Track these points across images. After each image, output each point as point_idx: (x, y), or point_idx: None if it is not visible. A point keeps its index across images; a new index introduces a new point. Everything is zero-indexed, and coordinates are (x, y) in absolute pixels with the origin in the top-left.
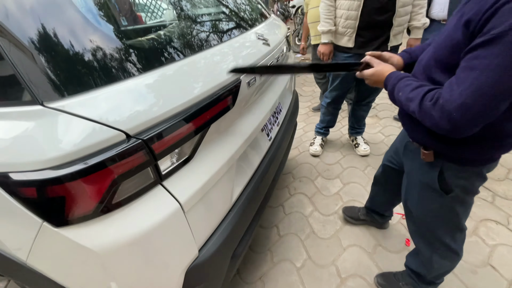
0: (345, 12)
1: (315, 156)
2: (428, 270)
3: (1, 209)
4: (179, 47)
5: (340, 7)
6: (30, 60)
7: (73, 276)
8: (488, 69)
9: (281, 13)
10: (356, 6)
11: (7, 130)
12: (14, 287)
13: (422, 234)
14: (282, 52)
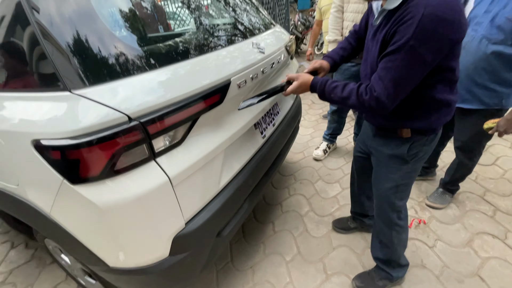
0: (350, 23)
1: (317, 160)
2: (393, 250)
3: (35, 168)
4: (180, 51)
5: (347, 19)
6: (65, 59)
7: (82, 227)
8: (398, 68)
9: (302, 23)
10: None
11: (44, 108)
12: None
13: (384, 212)
14: (279, 60)
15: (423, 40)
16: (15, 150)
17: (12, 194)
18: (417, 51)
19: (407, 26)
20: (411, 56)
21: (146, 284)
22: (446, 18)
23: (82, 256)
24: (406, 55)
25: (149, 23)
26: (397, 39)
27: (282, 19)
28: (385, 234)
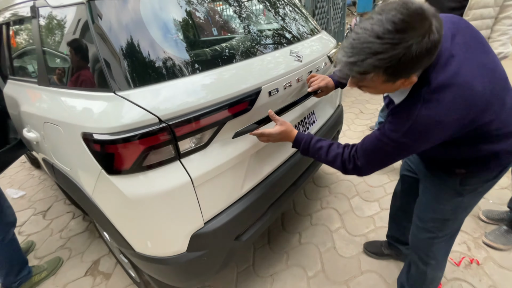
0: None
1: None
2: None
3: (83, 157)
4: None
5: None
6: (113, 64)
7: (114, 213)
8: (387, 152)
9: None
10: None
11: (92, 105)
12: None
13: (421, 244)
14: (318, 68)
15: (414, 138)
16: (70, 139)
17: (67, 175)
18: (408, 145)
19: (401, 122)
20: (402, 147)
21: (164, 274)
22: (442, 120)
23: (115, 238)
24: (396, 145)
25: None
26: (390, 129)
27: (337, 23)
28: (418, 267)
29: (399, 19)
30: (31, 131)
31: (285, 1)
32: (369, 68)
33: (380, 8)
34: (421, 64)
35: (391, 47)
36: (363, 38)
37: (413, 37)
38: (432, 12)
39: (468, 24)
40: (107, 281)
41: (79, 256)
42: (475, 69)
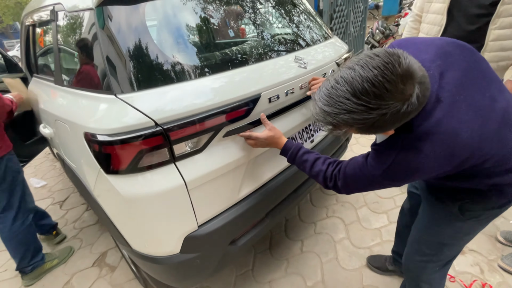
0: (424, 36)
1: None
2: None
3: (85, 155)
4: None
5: (422, 31)
6: (118, 67)
7: (112, 211)
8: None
9: (381, 31)
10: (435, 32)
11: (95, 106)
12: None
13: (414, 266)
14: (324, 75)
15: (391, 179)
16: (75, 137)
17: (74, 171)
18: (386, 183)
19: (379, 162)
20: (380, 183)
21: (158, 272)
22: (419, 168)
23: (114, 234)
24: (374, 180)
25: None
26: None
27: (357, 27)
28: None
29: (380, 82)
30: (46, 127)
31: (296, 8)
32: (341, 123)
33: (367, 55)
34: (396, 125)
35: (366, 110)
36: (340, 91)
37: (390, 106)
38: (420, 76)
39: (465, 51)
40: (112, 274)
41: (88, 247)
42: (464, 114)
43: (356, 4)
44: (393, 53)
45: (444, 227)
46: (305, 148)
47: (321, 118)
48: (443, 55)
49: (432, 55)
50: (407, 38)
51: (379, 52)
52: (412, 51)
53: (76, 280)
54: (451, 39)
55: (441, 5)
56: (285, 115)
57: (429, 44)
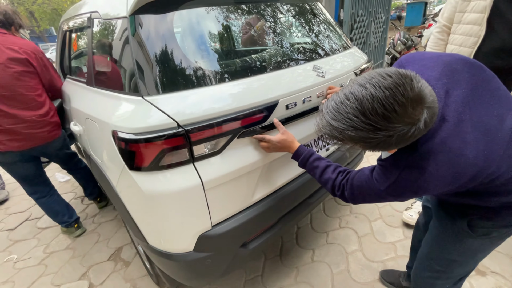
0: (456, 48)
1: (407, 225)
2: None
3: (111, 152)
4: (236, 70)
5: (452, 42)
6: (146, 71)
7: (132, 206)
8: (372, 196)
9: (403, 42)
10: (472, 43)
11: (123, 107)
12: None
13: (423, 284)
14: (341, 85)
15: (395, 194)
16: (103, 135)
17: (99, 166)
18: (390, 198)
19: (384, 177)
20: (385, 197)
21: (171, 269)
22: (422, 186)
23: (132, 229)
24: (379, 194)
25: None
26: (375, 178)
27: (378, 38)
28: None
29: (391, 104)
30: (76, 124)
31: (316, 18)
32: (346, 138)
33: (380, 74)
34: (401, 146)
35: (373, 130)
36: (349, 108)
37: (397, 128)
38: (430, 101)
39: (473, 69)
40: (126, 268)
41: (105, 241)
42: (469, 134)
43: (377, 15)
44: (406, 75)
45: (453, 243)
46: (317, 154)
47: (328, 131)
48: (449, 72)
49: (438, 73)
50: (414, 54)
51: (392, 73)
52: (419, 67)
53: (93, 273)
54: (460, 56)
55: (478, 15)
56: (301, 121)
57: (436, 61)
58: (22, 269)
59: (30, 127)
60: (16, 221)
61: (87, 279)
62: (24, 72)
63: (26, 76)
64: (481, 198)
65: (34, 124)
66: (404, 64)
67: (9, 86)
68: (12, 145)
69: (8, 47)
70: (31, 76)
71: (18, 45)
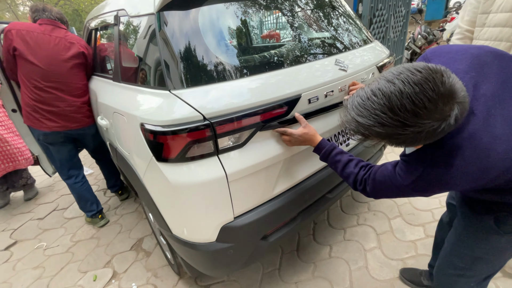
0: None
1: (428, 224)
2: None
3: (139, 144)
4: (260, 64)
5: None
6: (173, 65)
7: (158, 196)
8: (395, 191)
9: (423, 36)
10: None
11: (151, 100)
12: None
13: (447, 280)
14: (363, 79)
15: (418, 190)
16: (132, 128)
17: (126, 158)
18: (413, 193)
19: (407, 173)
20: (407, 192)
21: (193, 258)
22: (448, 182)
23: (157, 219)
24: (402, 189)
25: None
26: (399, 173)
27: (398, 32)
28: None
29: (421, 101)
30: (103, 119)
31: (337, 11)
32: (373, 134)
33: (408, 69)
34: (428, 141)
35: (401, 126)
36: (376, 104)
37: (427, 124)
38: (461, 96)
39: (504, 61)
40: (147, 258)
41: (127, 232)
42: (499, 128)
43: (397, 9)
44: (436, 70)
45: (478, 240)
46: (339, 148)
47: (353, 127)
48: (478, 65)
49: (466, 66)
50: (441, 47)
51: (421, 68)
52: (446, 60)
53: (116, 261)
54: (489, 48)
55: (508, 14)
56: (322, 116)
57: (464, 54)
58: (51, 256)
59: (74, 111)
60: (45, 211)
61: (111, 267)
62: (78, 64)
63: (79, 68)
64: (509, 195)
65: (77, 109)
66: (430, 58)
67: (65, 76)
68: (57, 125)
69: (70, 41)
70: (81, 68)
71: (76, 39)
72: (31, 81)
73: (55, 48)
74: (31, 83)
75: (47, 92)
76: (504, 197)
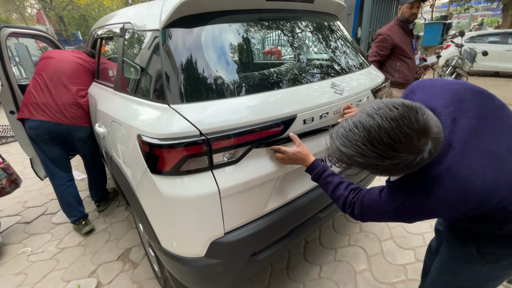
0: None
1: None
2: None
3: (135, 154)
4: (258, 84)
5: None
6: (174, 80)
7: (150, 208)
8: (379, 216)
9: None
10: None
11: (150, 113)
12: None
13: None
14: (358, 103)
15: (402, 215)
16: (129, 138)
17: (120, 167)
18: (397, 218)
19: (392, 199)
20: (392, 217)
21: (181, 273)
22: (429, 209)
23: (147, 230)
24: (387, 214)
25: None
26: (384, 198)
27: None
28: None
29: (397, 135)
30: (101, 126)
31: (335, 34)
32: (355, 163)
33: (387, 105)
34: (407, 172)
35: (380, 158)
36: (357, 136)
37: (403, 157)
38: (435, 132)
39: (482, 98)
40: (133, 270)
41: (115, 241)
42: (476, 161)
43: None
44: (411, 107)
45: (462, 268)
46: (331, 170)
47: (337, 156)
48: (457, 101)
49: (446, 101)
50: (426, 81)
51: (398, 105)
52: (428, 94)
53: (102, 271)
54: (469, 84)
55: None
56: (316, 137)
57: (445, 89)
58: (35, 262)
59: (67, 104)
60: (32, 215)
61: (95, 277)
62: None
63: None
64: (491, 225)
65: (72, 104)
66: (415, 90)
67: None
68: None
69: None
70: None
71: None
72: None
73: None
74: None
75: None
76: (488, 226)
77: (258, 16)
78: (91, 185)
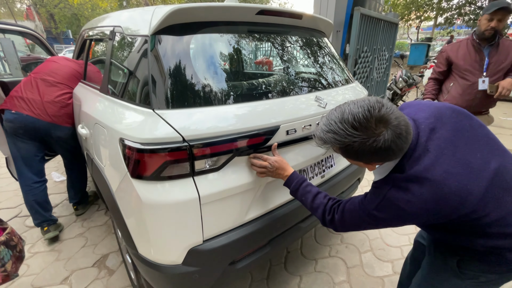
0: None
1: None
2: None
3: (116, 158)
4: (243, 94)
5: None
6: (160, 86)
7: (128, 212)
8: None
9: (404, 79)
10: None
11: (134, 117)
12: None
13: None
14: None
15: (384, 213)
16: (111, 141)
17: (101, 171)
18: (379, 218)
19: (375, 197)
20: (374, 219)
21: (157, 281)
22: (405, 208)
23: (124, 235)
24: (369, 216)
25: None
26: (367, 200)
27: (381, 73)
28: None
29: (358, 118)
30: (84, 127)
31: (323, 50)
32: (328, 140)
33: (363, 99)
34: (368, 158)
35: (343, 135)
36: (333, 116)
37: (359, 137)
38: (394, 125)
39: (460, 116)
40: (109, 277)
41: (92, 246)
42: (452, 167)
43: (381, 52)
44: (380, 101)
45: (441, 282)
46: (309, 181)
47: (317, 134)
48: (438, 115)
49: (428, 114)
50: (413, 101)
51: (372, 99)
52: (414, 109)
53: (75, 278)
54: (450, 105)
55: None
56: (298, 146)
57: (429, 106)
58: None
59: (53, 102)
60: (5, 217)
61: (68, 284)
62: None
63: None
64: (469, 238)
65: (57, 103)
66: (404, 107)
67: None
68: (26, 109)
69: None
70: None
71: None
72: None
73: None
74: None
75: None
76: (465, 239)
77: (247, 28)
78: (70, 185)
